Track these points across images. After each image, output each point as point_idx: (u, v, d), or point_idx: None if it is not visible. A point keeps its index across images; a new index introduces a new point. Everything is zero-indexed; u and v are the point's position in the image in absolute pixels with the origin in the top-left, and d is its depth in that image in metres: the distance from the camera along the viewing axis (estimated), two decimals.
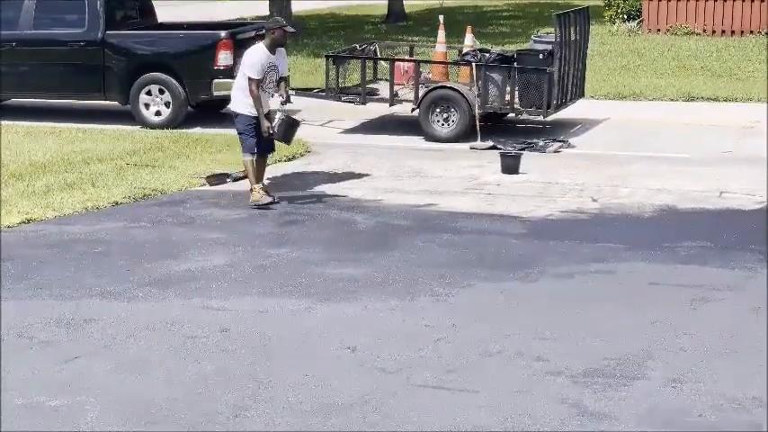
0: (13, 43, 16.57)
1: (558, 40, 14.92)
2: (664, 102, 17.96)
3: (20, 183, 12.33)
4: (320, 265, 9.53)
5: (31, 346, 7.69)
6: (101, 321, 8.13)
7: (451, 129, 14.98)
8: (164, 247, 10.09)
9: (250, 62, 11.54)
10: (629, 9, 27.56)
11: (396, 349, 7.53)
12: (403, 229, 10.73)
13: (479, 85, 14.94)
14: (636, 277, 9.15)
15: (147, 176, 12.74)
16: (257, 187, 11.56)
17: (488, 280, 9.09)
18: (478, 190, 12.30)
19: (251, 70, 11.50)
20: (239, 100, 11.69)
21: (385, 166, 13.44)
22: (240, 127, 11.72)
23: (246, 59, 11.62)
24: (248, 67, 11.53)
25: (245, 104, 11.60)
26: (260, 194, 11.51)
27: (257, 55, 11.56)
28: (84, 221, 11.03)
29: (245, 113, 11.63)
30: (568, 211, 11.38)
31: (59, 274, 9.27)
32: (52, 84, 16.56)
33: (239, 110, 11.69)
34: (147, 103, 16.14)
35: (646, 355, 7.40)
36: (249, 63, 11.54)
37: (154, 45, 16.48)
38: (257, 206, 11.45)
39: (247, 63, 11.57)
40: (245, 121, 11.65)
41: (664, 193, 11.96)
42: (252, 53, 11.62)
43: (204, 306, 8.48)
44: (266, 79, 11.58)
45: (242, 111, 11.66)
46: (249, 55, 11.62)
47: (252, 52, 11.63)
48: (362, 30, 29.15)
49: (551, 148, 14.42)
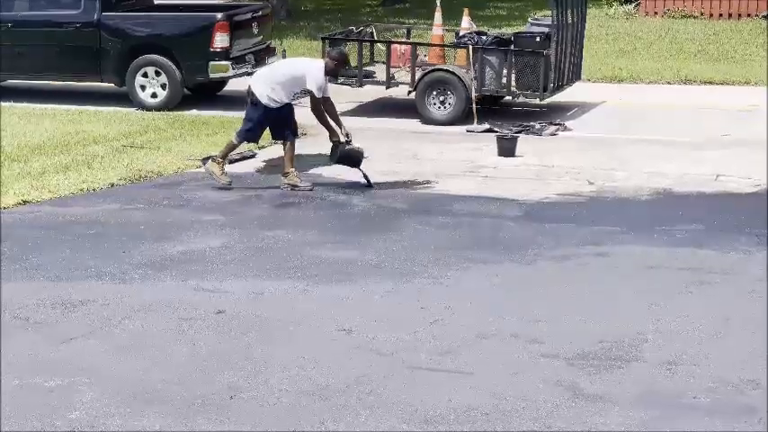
0: (9, 24, 16.51)
1: (555, 22, 14.90)
2: (661, 85, 17.94)
3: (16, 164, 12.31)
4: (316, 248, 9.53)
5: (26, 327, 7.69)
6: (96, 303, 8.13)
7: (448, 111, 14.96)
8: (159, 229, 10.08)
9: (317, 81, 11.37)
10: None
11: (391, 331, 7.54)
12: (399, 212, 10.73)
13: (476, 68, 14.92)
14: (632, 260, 9.15)
15: (143, 158, 12.72)
16: (223, 162, 11.62)
17: (484, 262, 9.10)
18: (475, 173, 12.29)
19: (318, 90, 11.39)
20: (264, 89, 11.50)
21: (381, 149, 13.43)
22: (251, 113, 11.60)
23: (310, 74, 11.39)
24: (315, 86, 11.36)
25: (267, 96, 11.48)
26: (220, 172, 11.56)
27: (322, 76, 11.43)
28: (80, 203, 11.02)
29: (265, 103, 11.49)
30: (565, 194, 11.38)
31: (55, 256, 9.27)
32: (48, 65, 16.50)
33: (262, 98, 11.48)
34: (143, 84, 16.10)
35: (641, 338, 7.41)
36: (316, 82, 11.36)
37: (150, 27, 16.43)
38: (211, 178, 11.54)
39: (314, 79, 11.35)
40: (262, 112, 11.53)
41: (660, 177, 11.96)
42: (318, 71, 11.42)
43: (200, 288, 8.48)
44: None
45: (264, 101, 11.48)
46: (314, 71, 11.43)
47: (317, 70, 11.44)
48: (359, 12, 29.07)
49: (548, 131, 14.41)
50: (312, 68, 11.55)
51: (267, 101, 11.52)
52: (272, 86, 11.51)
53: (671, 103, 16.28)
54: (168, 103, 15.96)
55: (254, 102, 11.58)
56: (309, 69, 11.54)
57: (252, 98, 11.61)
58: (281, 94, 11.53)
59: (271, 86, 11.52)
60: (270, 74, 11.77)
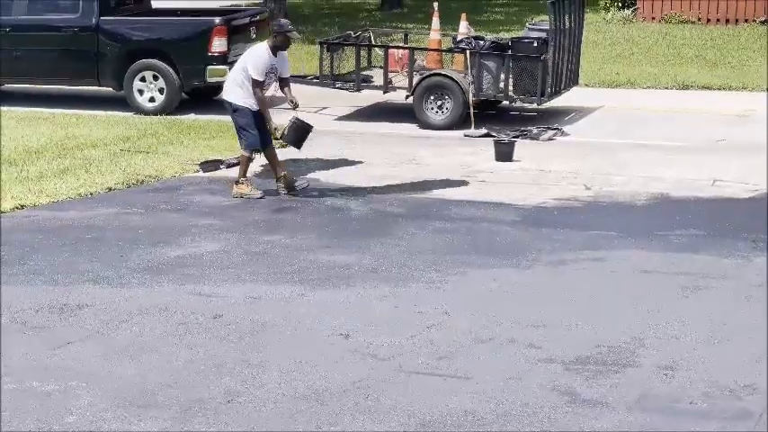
0: (7, 29, 16.52)
1: (553, 27, 14.90)
2: (658, 90, 17.94)
3: (13, 168, 12.32)
4: (313, 252, 9.53)
5: (24, 331, 7.70)
6: (94, 307, 8.13)
7: (445, 116, 14.98)
8: (157, 233, 10.09)
9: (254, 63, 11.32)
10: None
11: (388, 336, 7.55)
12: (396, 217, 10.74)
13: (473, 73, 14.93)
14: (628, 265, 9.17)
15: (141, 162, 12.73)
16: (245, 180, 11.47)
17: (481, 267, 9.11)
18: (472, 177, 12.30)
19: (255, 71, 11.28)
20: (236, 93, 11.44)
21: (379, 154, 13.44)
22: (241, 121, 11.46)
23: (250, 59, 11.39)
24: (252, 68, 11.30)
25: (242, 97, 11.40)
26: (249, 188, 11.43)
27: (262, 56, 11.34)
28: (77, 207, 11.02)
29: (246, 106, 11.39)
30: (562, 198, 11.39)
31: (53, 260, 9.27)
32: (46, 69, 16.50)
33: (238, 102, 11.42)
34: (141, 89, 16.11)
35: (638, 343, 7.42)
36: (253, 64, 11.31)
37: (148, 31, 16.44)
38: (240, 196, 11.38)
39: (251, 63, 11.33)
40: (246, 115, 11.42)
41: (657, 182, 11.97)
42: (256, 54, 11.40)
43: (197, 292, 8.49)
44: (265, 81, 11.41)
45: (241, 103, 11.40)
46: (253, 55, 11.41)
47: (256, 53, 11.41)
48: (357, 17, 29.07)
49: (545, 135, 14.42)
50: (251, 53, 11.48)
51: (243, 103, 11.42)
52: (239, 87, 11.43)
53: (668, 108, 16.29)
54: (166, 108, 15.97)
55: (235, 109, 11.48)
56: (249, 54, 11.48)
57: (232, 107, 11.50)
58: (251, 90, 11.42)
59: (239, 87, 11.43)
60: (233, 76, 11.65)
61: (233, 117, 11.61)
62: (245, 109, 11.43)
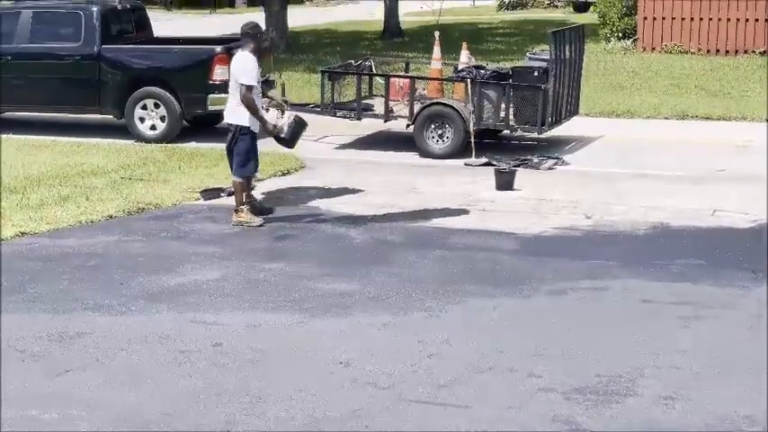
0: (9, 57, 16.58)
1: (554, 57, 14.96)
2: (658, 120, 17.99)
3: (14, 196, 12.33)
4: (313, 280, 9.53)
5: (23, 359, 7.68)
6: (93, 335, 8.12)
7: (446, 145, 15.00)
8: (157, 261, 10.09)
9: (244, 69, 11.24)
10: (624, 27, 27.65)
11: (388, 364, 7.53)
12: (397, 245, 10.74)
13: (474, 102, 14.97)
14: (629, 294, 9.16)
15: (142, 190, 12.75)
16: (246, 208, 11.47)
17: (481, 296, 9.10)
18: (473, 206, 12.31)
19: (247, 77, 11.20)
20: (239, 114, 11.36)
21: (379, 182, 13.46)
22: (244, 145, 11.40)
23: (239, 67, 11.31)
24: (243, 74, 11.22)
25: (247, 119, 11.34)
26: (249, 216, 11.43)
27: (251, 62, 11.27)
28: (78, 235, 11.03)
29: (253, 129, 11.39)
30: (562, 227, 11.40)
31: (53, 288, 9.27)
32: (48, 97, 16.56)
33: (245, 123, 11.33)
34: (142, 117, 16.16)
35: (638, 373, 7.41)
36: (243, 70, 11.24)
37: (149, 59, 16.50)
38: (240, 224, 11.37)
39: (241, 70, 11.26)
40: (251, 140, 11.40)
41: (657, 211, 11.98)
42: (243, 60, 11.31)
43: (197, 320, 8.48)
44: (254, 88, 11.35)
45: (248, 125, 11.34)
46: (241, 62, 11.32)
47: (243, 59, 11.32)
48: (358, 45, 29.20)
49: (546, 164, 14.44)
50: (237, 64, 11.39)
51: (248, 121, 11.36)
52: (238, 104, 11.36)
53: (668, 138, 16.33)
54: (167, 136, 16.01)
55: (240, 130, 11.40)
56: (235, 66, 11.39)
57: (238, 129, 11.41)
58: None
59: (238, 105, 11.35)
60: (231, 98, 11.53)
61: (235, 140, 11.46)
62: (250, 132, 11.41)
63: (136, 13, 17.79)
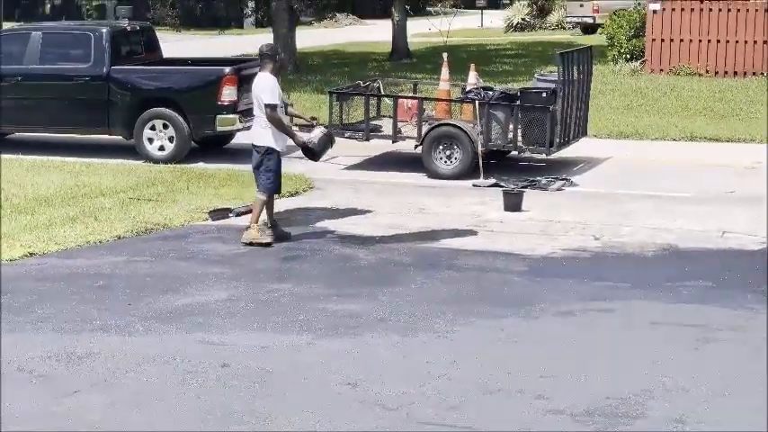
0: (19, 78, 16.65)
1: (562, 78, 14.98)
2: (666, 141, 17.99)
3: (23, 216, 12.35)
4: (321, 301, 9.52)
5: (31, 379, 7.68)
6: (101, 355, 8.11)
7: (454, 166, 15.01)
8: (165, 282, 10.09)
9: (269, 89, 11.35)
10: (631, 49, 27.67)
11: (396, 385, 7.51)
12: (405, 266, 10.73)
13: (482, 123, 14.98)
14: (637, 316, 9.13)
15: (150, 211, 12.76)
16: (257, 227, 11.48)
17: (490, 317, 9.08)
18: (481, 227, 12.30)
19: (270, 96, 11.31)
20: (266, 136, 11.45)
21: (387, 203, 13.46)
22: (271, 164, 11.50)
23: (261, 88, 11.40)
24: (268, 93, 11.33)
25: (279, 138, 11.48)
26: (260, 233, 11.46)
27: (272, 81, 11.41)
28: (86, 255, 11.03)
29: (280, 149, 11.52)
30: (570, 249, 11.38)
31: (61, 308, 9.27)
32: (57, 118, 16.60)
33: (271, 144, 11.45)
34: (150, 137, 16.19)
35: (647, 395, 7.38)
36: (268, 89, 11.34)
37: (158, 80, 16.55)
38: (250, 243, 11.38)
39: (266, 90, 11.35)
40: (277, 160, 11.53)
41: (666, 233, 11.96)
42: (265, 81, 11.41)
43: (205, 340, 8.47)
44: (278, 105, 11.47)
45: (277, 146, 11.48)
46: (262, 83, 11.42)
47: (264, 80, 11.42)
48: (366, 67, 29.26)
49: (554, 186, 14.43)
50: (258, 84, 11.49)
51: (275, 145, 11.47)
52: (263, 127, 11.44)
53: (676, 160, 16.31)
54: (175, 156, 16.03)
55: (269, 152, 11.47)
56: (257, 87, 11.48)
57: (265, 150, 11.47)
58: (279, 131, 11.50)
59: (267, 128, 11.43)
60: (257, 120, 11.58)
61: (261, 160, 11.51)
62: (276, 152, 11.50)
63: (145, 34, 17.85)
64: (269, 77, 11.45)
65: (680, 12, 26.53)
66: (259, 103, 11.43)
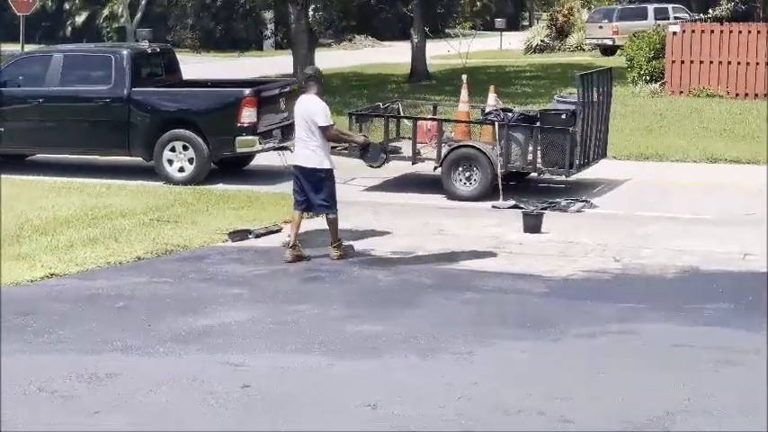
0: (40, 99, 16.75)
1: (581, 100, 14.97)
2: (686, 163, 17.95)
3: (44, 237, 12.41)
4: (341, 322, 9.51)
5: (52, 400, 7.69)
6: (122, 376, 8.12)
7: (474, 188, 15.00)
8: (185, 303, 10.10)
9: (321, 111, 11.54)
10: (651, 71, 27.66)
11: (416, 407, 7.49)
12: (424, 287, 10.72)
13: (502, 145, 14.98)
14: (659, 338, 9.09)
15: (170, 232, 12.79)
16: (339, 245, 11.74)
17: (510, 339, 9.05)
18: (500, 249, 12.28)
19: (324, 119, 11.55)
20: (323, 156, 11.62)
21: (407, 224, 13.46)
22: (332, 185, 11.74)
23: (313, 110, 11.53)
24: (321, 116, 11.51)
25: (329, 157, 11.69)
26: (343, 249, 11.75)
27: (322, 103, 11.62)
28: (106, 276, 11.06)
29: (334, 168, 11.76)
30: (591, 270, 11.34)
31: (82, 329, 9.29)
32: (78, 139, 16.69)
33: (329, 166, 11.68)
34: (170, 159, 16.24)
35: (669, 418, 7.33)
36: (321, 112, 11.53)
37: (178, 102, 16.61)
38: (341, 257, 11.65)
39: (319, 113, 11.51)
40: (334, 178, 11.78)
41: (687, 255, 11.91)
42: (315, 103, 11.57)
43: (225, 362, 8.46)
44: None
45: (332, 165, 11.73)
46: (314, 105, 11.56)
47: (315, 102, 11.58)
48: (385, 88, 29.32)
49: (574, 207, 14.41)
50: (309, 108, 11.60)
51: (328, 164, 11.67)
52: (314, 150, 11.57)
53: (697, 182, 16.27)
54: (195, 178, 16.08)
55: (325, 172, 11.64)
56: (308, 110, 11.58)
57: (324, 171, 11.63)
58: (325, 148, 11.65)
59: (314, 150, 11.57)
60: (303, 143, 11.67)
61: (320, 182, 11.63)
62: (332, 171, 11.72)
63: (165, 56, 17.94)
64: (317, 100, 11.62)
65: (700, 33, 26.54)
66: (309, 126, 11.55)
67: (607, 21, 42.16)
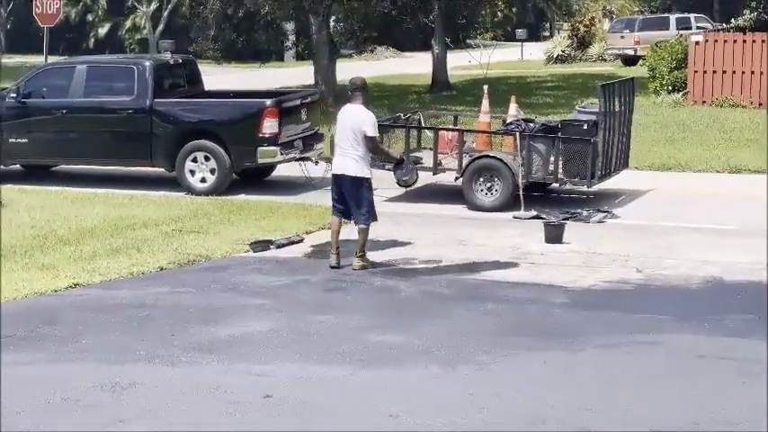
0: (63, 110, 16.83)
1: (603, 110, 14.94)
2: (709, 173, 17.88)
3: (67, 248, 12.47)
4: (363, 332, 9.52)
5: (76, 409, 7.72)
6: (145, 385, 8.15)
7: (495, 198, 14.99)
8: (208, 313, 10.13)
9: (370, 121, 11.64)
10: (673, 81, 27.58)
11: (438, 417, 7.49)
12: (446, 297, 10.72)
13: (523, 155, 14.96)
14: (682, 349, 9.05)
15: (192, 242, 12.83)
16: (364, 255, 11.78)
17: (532, 349, 9.04)
18: (522, 259, 12.26)
19: (373, 129, 11.69)
20: (365, 165, 11.70)
21: (428, 234, 13.46)
22: (370, 195, 11.81)
23: (362, 120, 11.60)
24: (370, 126, 11.62)
25: (366, 170, 11.73)
26: (367, 260, 11.78)
27: (370, 113, 11.74)
28: (129, 286, 11.11)
29: (372, 178, 11.82)
30: (612, 281, 11.31)
31: (105, 338, 9.33)
32: (101, 150, 16.76)
33: (368, 175, 11.77)
34: (192, 169, 16.28)
35: (693, 429, 7.30)
36: (369, 122, 11.62)
37: (200, 112, 16.66)
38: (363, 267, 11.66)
39: (368, 122, 11.60)
40: (371, 187, 11.83)
41: (710, 265, 11.86)
42: (365, 113, 11.67)
43: (247, 371, 8.48)
44: None
45: (370, 176, 11.81)
46: (363, 115, 11.64)
47: (364, 112, 11.67)
48: (407, 99, 29.34)
49: (595, 218, 14.38)
50: (364, 114, 11.69)
51: (368, 173, 11.77)
52: (357, 160, 11.63)
53: (720, 192, 16.21)
54: (217, 188, 16.11)
55: (365, 180, 11.71)
56: (357, 120, 11.64)
57: (365, 180, 11.70)
58: (366, 158, 11.74)
59: (357, 160, 11.63)
60: (347, 152, 11.69)
61: (360, 191, 11.71)
62: (370, 180, 11.78)
63: (187, 67, 18.02)
64: (365, 110, 11.72)
65: (722, 43, 26.46)
66: (355, 135, 11.61)
67: (629, 31, 42.07)
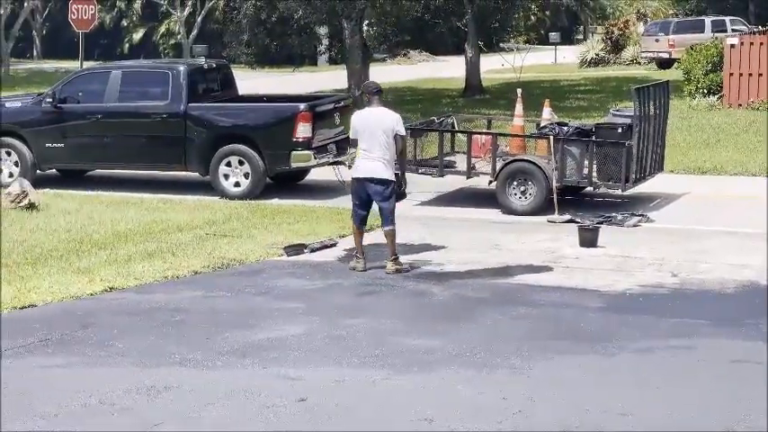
0: (99, 116, 16.93)
1: (637, 113, 14.88)
2: (745, 177, 17.76)
3: (102, 251, 12.54)
4: (396, 336, 9.52)
5: (112, 412, 7.76)
6: (180, 389, 8.18)
7: (529, 202, 14.95)
8: (242, 316, 10.16)
9: (399, 123, 11.77)
10: (709, 84, 27.41)
11: (473, 421, 7.47)
12: (480, 301, 10.70)
13: (557, 159, 14.92)
14: (718, 354, 8.99)
15: (226, 246, 12.88)
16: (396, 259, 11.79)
17: (567, 353, 9.01)
18: (556, 263, 12.22)
19: (404, 129, 11.87)
20: (390, 169, 11.73)
21: (461, 239, 13.44)
22: (394, 198, 11.85)
23: (393, 124, 11.70)
24: (401, 127, 11.77)
25: (393, 170, 11.77)
26: (401, 264, 11.78)
27: (398, 114, 11.86)
28: (164, 290, 11.16)
29: (394, 180, 11.83)
30: (648, 285, 11.26)
31: (140, 342, 9.37)
32: (135, 155, 16.86)
33: (393, 177, 11.79)
34: (226, 174, 16.34)
35: None
36: (397, 123, 11.74)
37: (234, 117, 16.73)
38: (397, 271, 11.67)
39: (398, 125, 11.73)
40: (394, 188, 11.85)
41: (746, 269, 11.77)
42: (393, 114, 11.80)
43: (282, 375, 8.50)
44: None
45: (393, 177, 11.81)
46: (393, 117, 11.75)
47: (391, 113, 11.80)
48: (440, 103, 29.33)
49: (630, 222, 14.31)
50: (394, 116, 11.81)
51: (393, 176, 11.79)
52: (384, 163, 11.67)
53: (755, 195, 16.08)
54: (251, 192, 16.16)
55: (389, 182, 11.73)
56: (393, 118, 11.76)
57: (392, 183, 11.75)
58: (392, 161, 11.78)
59: (384, 163, 11.67)
60: (381, 156, 11.68)
61: (389, 193, 11.76)
62: (394, 182, 11.82)
63: (221, 71, 18.09)
64: (391, 111, 11.88)
65: (758, 46, 26.26)
66: (387, 137, 11.65)
67: (663, 34, 41.85)
